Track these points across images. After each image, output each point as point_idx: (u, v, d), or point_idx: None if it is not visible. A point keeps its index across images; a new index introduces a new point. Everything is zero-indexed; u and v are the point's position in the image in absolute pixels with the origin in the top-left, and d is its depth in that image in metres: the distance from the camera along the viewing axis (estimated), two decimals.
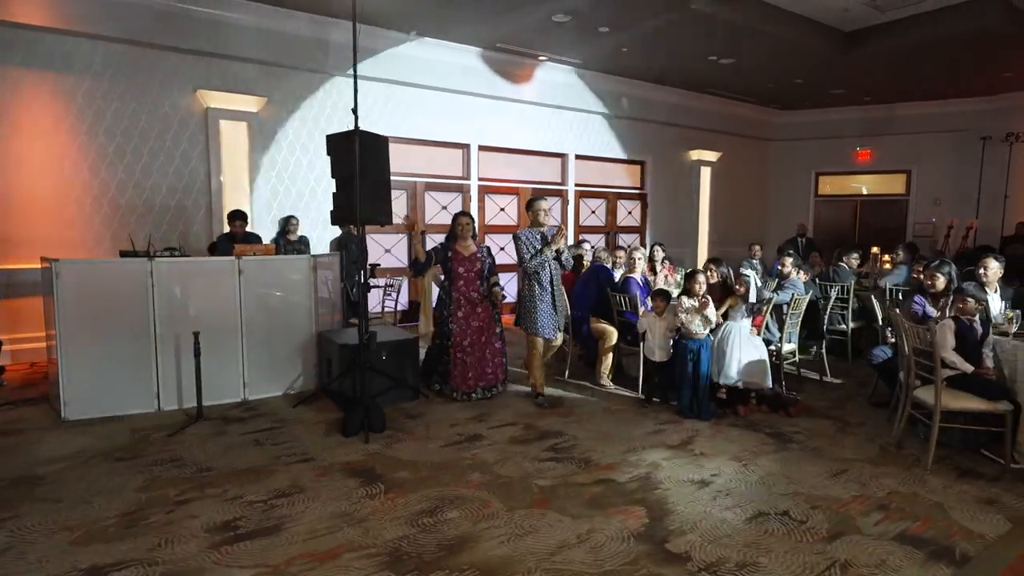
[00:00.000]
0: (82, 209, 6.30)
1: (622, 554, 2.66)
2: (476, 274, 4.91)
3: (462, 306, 4.86)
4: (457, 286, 4.88)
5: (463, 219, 5.00)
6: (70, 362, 4.36)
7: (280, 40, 7.07)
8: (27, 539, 2.74)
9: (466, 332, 4.83)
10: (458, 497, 3.20)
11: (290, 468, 3.57)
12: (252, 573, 2.49)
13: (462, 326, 4.83)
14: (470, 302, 4.87)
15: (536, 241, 4.75)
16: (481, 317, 4.88)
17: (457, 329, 4.83)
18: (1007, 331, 3.81)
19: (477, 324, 4.86)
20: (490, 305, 4.93)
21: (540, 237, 4.78)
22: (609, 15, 7.19)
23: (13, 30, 5.85)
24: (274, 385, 5.07)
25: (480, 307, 4.89)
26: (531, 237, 4.79)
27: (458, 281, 4.88)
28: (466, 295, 4.87)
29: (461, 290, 4.88)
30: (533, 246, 4.74)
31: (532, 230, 4.83)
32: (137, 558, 2.59)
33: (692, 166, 11.74)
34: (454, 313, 4.84)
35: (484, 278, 4.94)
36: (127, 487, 3.29)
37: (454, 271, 4.88)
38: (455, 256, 4.89)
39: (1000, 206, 10.97)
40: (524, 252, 4.74)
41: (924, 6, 7.59)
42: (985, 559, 2.67)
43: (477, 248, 4.99)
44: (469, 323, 4.85)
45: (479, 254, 4.97)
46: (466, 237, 4.95)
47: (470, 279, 4.90)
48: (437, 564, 2.57)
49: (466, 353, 4.82)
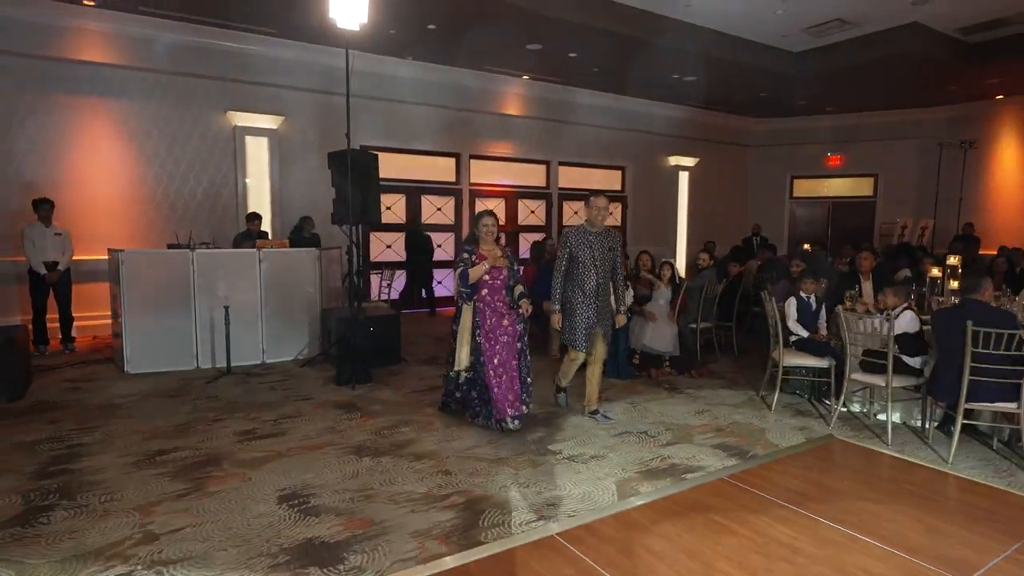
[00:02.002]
0: (135, 210, 7.69)
1: (514, 449, 3.87)
2: (503, 282, 4.27)
3: (488, 318, 4.22)
4: (481, 295, 4.22)
5: (487, 219, 4.33)
6: (131, 329, 5.70)
7: (296, 67, 8.40)
8: (114, 437, 4.04)
9: (495, 349, 4.20)
10: (412, 420, 4.44)
11: (294, 403, 4.84)
12: (263, 454, 3.75)
13: (490, 341, 4.20)
14: (497, 314, 4.24)
15: (585, 243, 4.28)
16: (509, 331, 4.26)
17: (485, 343, 4.19)
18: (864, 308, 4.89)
19: (506, 339, 4.24)
20: (517, 317, 4.31)
21: (592, 239, 4.30)
22: (573, 44, 8.37)
23: (82, 67, 7.25)
24: (286, 350, 6.36)
25: (507, 319, 4.26)
26: (579, 238, 4.31)
27: (482, 290, 4.22)
28: (492, 306, 4.23)
29: (486, 300, 4.23)
30: (570, 250, 4.28)
31: (582, 230, 4.34)
32: (188, 446, 3.87)
33: (671, 171, 12.83)
34: (481, 325, 4.21)
35: (510, 287, 4.32)
36: (178, 412, 4.58)
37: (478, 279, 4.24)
38: (479, 262, 4.23)
39: (956, 207, 11.87)
40: (561, 254, 4.34)
41: (854, 32, 8.64)
42: (767, 456, 3.82)
43: (503, 252, 4.36)
44: (497, 338, 4.21)
45: (504, 259, 4.33)
46: (490, 241, 4.31)
47: (496, 288, 4.26)
48: (386, 453, 3.80)
49: (498, 373, 4.18)
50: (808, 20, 8.31)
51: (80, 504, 3.06)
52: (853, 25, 8.45)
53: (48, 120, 7.19)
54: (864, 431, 4.31)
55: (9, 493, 3.17)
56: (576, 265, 4.29)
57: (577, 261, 4.29)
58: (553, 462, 3.70)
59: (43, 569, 2.48)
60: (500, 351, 4.21)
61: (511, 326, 4.29)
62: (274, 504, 3.09)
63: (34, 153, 7.13)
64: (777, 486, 3.36)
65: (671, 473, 3.54)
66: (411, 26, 7.65)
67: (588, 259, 4.27)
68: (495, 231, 4.33)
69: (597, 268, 4.27)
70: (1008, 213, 11.42)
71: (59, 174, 7.25)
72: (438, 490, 3.27)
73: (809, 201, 14.07)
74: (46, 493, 3.18)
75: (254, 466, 3.57)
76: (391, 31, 7.79)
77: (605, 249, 4.34)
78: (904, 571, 2.53)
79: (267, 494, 3.20)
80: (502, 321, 4.25)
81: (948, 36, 8.81)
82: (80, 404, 4.74)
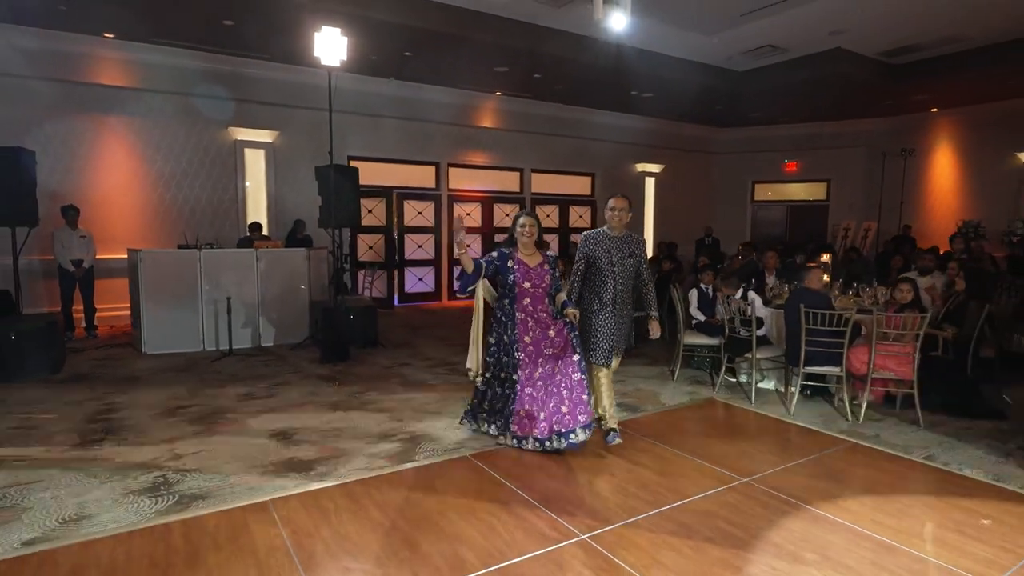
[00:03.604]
0: (148, 214, 8.74)
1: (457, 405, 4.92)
2: (545, 290, 3.96)
3: (530, 329, 3.89)
4: (522, 305, 3.91)
5: (524, 220, 3.95)
6: (148, 316, 6.75)
7: (289, 88, 9.44)
8: (140, 398, 5.08)
9: (536, 362, 3.87)
10: (380, 388, 5.49)
11: (284, 376, 5.90)
12: (258, 409, 4.80)
13: (531, 355, 3.87)
14: (540, 324, 3.91)
15: (603, 248, 4.01)
16: (555, 343, 3.89)
17: (525, 359, 3.86)
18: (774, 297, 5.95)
19: (551, 352, 3.88)
20: (566, 326, 3.94)
21: (611, 243, 4.02)
22: (536, 67, 9.43)
23: (102, 89, 8.31)
24: (280, 336, 7.41)
25: (553, 330, 3.91)
26: (596, 242, 4.04)
27: (523, 299, 3.91)
28: (534, 316, 3.92)
29: (527, 309, 3.91)
30: (587, 255, 4.03)
31: (600, 234, 4.07)
32: (198, 404, 4.93)
33: (638, 176, 13.90)
34: (519, 339, 3.87)
35: (551, 294, 4.02)
36: (188, 382, 5.63)
37: (518, 286, 3.90)
38: (519, 268, 3.91)
39: (898, 211, 12.94)
40: (578, 259, 4.10)
41: (786, 56, 9.70)
42: (652, 411, 4.87)
43: (544, 257, 4.03)
44: (540, 350, 3.88)
45: (546, 264, 4.01)
46: (531, 244, 3.95)
47: (538, 296, 3.93)
48: (355, 409, 4.85)
49: (537, 389, 3.84)
50: (744, 45, 9.36)
51: (121, 438, 4.11)
52: (784, 50, 9.50)
53: (73, 136, 8.24)
54: (741, 395, 5.35)
55: (67, 433, 4.22)
56: (593, 271, 4.02)
57: (595, 267, 4.01)
58: None
59: (103, 474, 3.53)
60: (543, 364, 3.86)
61: (558, 336, 3.90)
62: (266, 438, 4.14)
63: (62, 165, 8.18)
64: (652, 431, 4.41)
65: None
66: (390, 53, 8.70)
67: (606, 265, 3.99)
68: (535, 232, 3.93)
69: (616, 275, 3.97)
70: (942, 215, 12.49)
71: (83, 184, 8.31)
72: (390, 431, 4.33)
73: (769, 205, 15.13)
74: (95, 432, 4.23)
75: (251, 416, 4.62)
76: (373, 57, 8.83)
77: (625, 255, 4.02)
78: (712, 476, 3.58)
79: (260, 433, 4.25)
80: (547, 332, 3.89)
81: (873, 59, 9.87)
82: (109, 376, 5.80)
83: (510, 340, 3.91)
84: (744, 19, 7.86)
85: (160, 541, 2.79)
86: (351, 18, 7.08)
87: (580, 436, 3.78)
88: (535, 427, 3.81)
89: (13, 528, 2.90)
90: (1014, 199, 11.42)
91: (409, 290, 11.20)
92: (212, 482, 3.44)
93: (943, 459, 3.86)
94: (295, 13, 7.07)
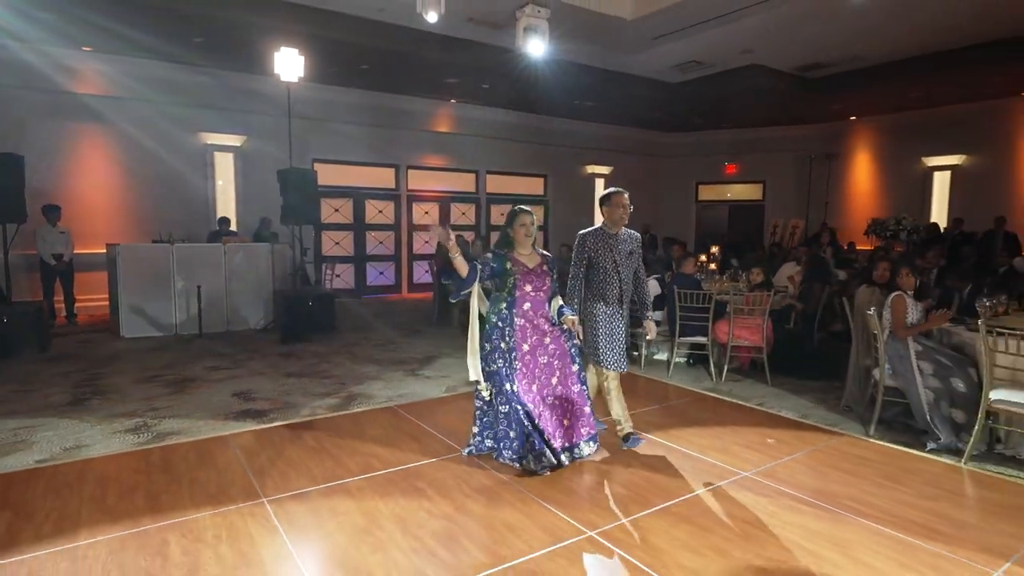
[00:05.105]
0: (125, 212, 9.49)
1: (394, 371, 5.82)
2: (546, 294, 3.65)
3: (528, 337, 3.57)
4: (522, 310, 3.58)
5: (525, 218, 3.62)
6: (126, 303, 7.54)
7: (255, 96, 10.24)
8: (121, 369, 5.91)
9: (533, 373, 3.56)
10: (332, 361, 6.38)
11: (248, 353, 6.75)
12: (223, 377, 5.66)
13: (529, 365, 3.55)
14: (538, 332, 3.59)
15: (605, 247, 3.79)
16: (552, 351, 3.62)
17: (522, 369, 3.53)
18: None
19: (547, 361, 3.60)
20: (562, 334, 3.66)
21: (613, 241, 3.80)
22: (482, 78, 10.36)
23: (84, 97, 9.05)
24: (246, 322, 8.24)
25: (549, 337, 3.61)
26: (598, 241, 3.81)
27: (522, 303, 3.58)
28: (533, 322, 3.59)
29: (528, 315, 3.58)
30: (589, 256, 3.80)
31: (601, 232, 3.84)
32: (172, 374, 5.77)
33: (588, 178, 14.92)
34: (517, 347, 3.53)
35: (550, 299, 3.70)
36: (163, 359, 6.46)
37: (518, 288, 3.58)
38: (518, 269, 3.59)
39: (823, 210, 14.14)
40: (578, 261, 3.86)
41: (710, 70, 10.75)
42: None
43: (542, 258, 3.71)
44: (537, 359, 3.58)
45: (545, 265, 3.68)
46: (528, 243, 3.64)
47: (538, 300, 3.62)
48: (306, 376, 5.73)
49: (536, 404, 3.53)
50: (672, 61, 10.37)
51: (107, 398, 4.96)
52: (709, 65, 10.55)
53: (56, 141, 8.97)
54: (649, 368, 6.29)
55: (61, 394, 5.06)
56: (596, 272, 3.78)
57: (597, 268, 3.77)
58: (415, 378, 5.68)
59: (94, 420, 4.38)
60: (540, 376, 3.57)
61: (554, 344, 3.61)
62: (228, 396, 5.02)
63: (44, 167, 8.89)
64: None
65: None
66: (347, 66, 9.57)
67: (610, 265, 3.75)
68: (534, 231, 3.63)
69: (620, 275, 3.77)
70: (860, 214, 13.68)
71: (65, 184, 9.04)
72: (333, 391, 5.23)
73: (712, 204, 16.27)
74: (84, 393, 5.07)
75: (217, 382, 5.49)
76: (332, 68, 9.69)
77: (626, 253, 3.82)
78: None
79: (224, 393, 5.13)
80: (543, 340, 3.59)
81: (789, 73, 10.98)
82: (92, 354, 6.60)
83: (508, 348, 3.52)
84: (657, 42, 8.87)
85: (142, 459, 3.67)
86: (309, 37, 7.94)
87: (585, 450, 3.65)
88: (559, 436, 3.57)
89: (26, 454, 3.75)
90: (920, 198, 12.67)
91: (371, 283, 12.07)
92: (183, 424, 4.31)
93: (771, 405, 4.89)
94: (257, 35, 7.91)
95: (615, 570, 2.54)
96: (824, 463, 3.71)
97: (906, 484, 3.39)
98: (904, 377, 4.15)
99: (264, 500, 3.13)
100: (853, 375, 4.75)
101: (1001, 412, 3.65)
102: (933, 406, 4.02)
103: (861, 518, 2.99)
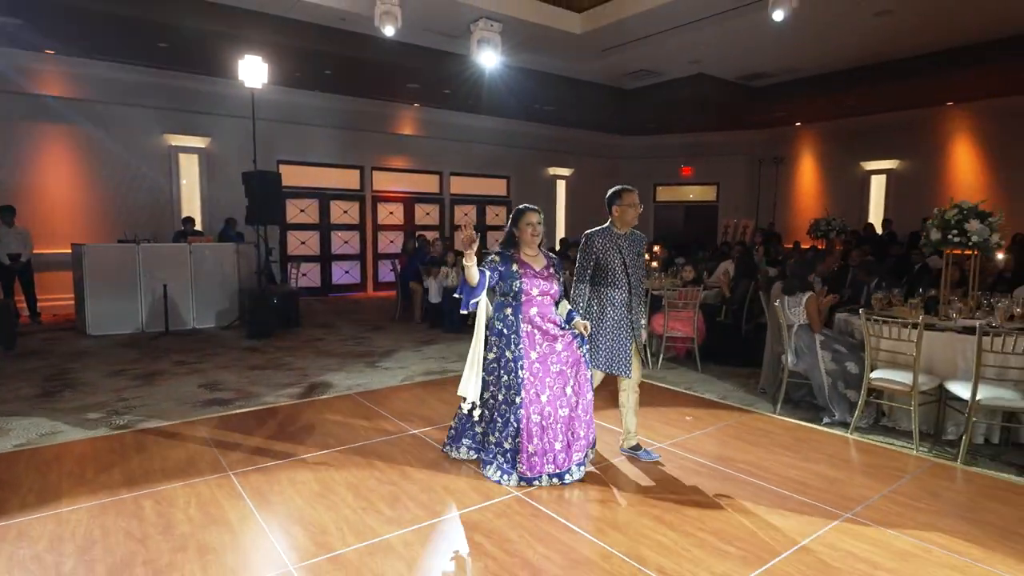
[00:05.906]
0: (90, 213, 9.62)
1: (355, 362, 6.19)
2: (554, 297, 3.49)
3: (536, 344, 3.38)
4: (528, 315, 3.39)
5: (532, 216, 3.46)
6: (92, 302, 7.73)
7: (219, 98, 10.45)
8: (89, 365, 6.15)
9: (543, 382, 3.36)
10: (295, 354, 6.71)
11: (213, 348, 7.03)
12: (190, 370, 5.96)
13: (537, 374, 3.36)
14: (547, 337, 3.40)
15: (614, 248, 3.63)
16: (564, 358, 3.41)
17: (530, 378, 3.34)
18: None
19: (560, 369, 3.39)
20: (574, 340, 3.44)
21: (621, 242, 3.66)
22: (443, 84, 10.74)
23: (47, 99, 9.16)
24: (211, 319, 8.49)
25: (561, 343, 3.41)
26: (606, 242, 3.65)
27: (529, 307, 3.40)
28: (541, 328, 3.40)
29: (535, 321, 3.40)
30: (596, 257, 3.63)
31: (609, 233, 3.68)
32: (139, 368, 6.04)
33: (550, 179, 15.41)
34: (525, 355, 3.35)
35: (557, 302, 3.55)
36: (130, 355, 6.70)
37: (525, 293, 3.40)
38: (526, 272, 3.42)
39: (771, 211, 14.90)
40: (584, 262, 3.69)
41: (659, 78, 11.33)
42: None
43: (548, 259, 3.55)
44: (548, 368, 3.37)
45: (552, 267, 3.53)
46: (535, 243, 3.48)
47: (546, 305, 3.44)
48: (270, 368, 6.06)
49: (545, 416, 3.34)
50: (624, 69, 10.91)
51: (78, 390, 5.23)
52: (658, 73, 11.13)
53: (15, 142, 9.06)
54: None
55: (32, 387, 5.30)
56: (605, 275, 3.62)
57: (606, 270, 3.62)
58: (374, 369, 6.06)
59: (67, 409, 4.66)
60: (552, 385, 3.36)
61: (566, 350, 3.40)
62: (195, 387, 5.34)
63: (4, 170, 8.99)
64: None
65: (442, 375, 5.95)
66: (311, 71, 9.86)
67: (619, 266, 3.62)
68: (542, 231, 3.47)
69: (630, 276, 3.63)
70: (805, 215, 14.46)
71: (26, 185, 9.14)
72: (296, 381, 5.58)
73: (669, 205, 16.93)
74: (55, 386, 5.33)
75: (184, 376, 5.79)
76: (296, 73, 9.97)
77: (635, 254, 3.71)
78: None
79: (191, 384, 5.44)
80: (554, 346, 3.39)
81: (733, 82, 11.63)
82: (59, 350, 6.81)
83: (514, 357, 3.34)
84: (606, 53, 9.39)
85: (116, 442, 4.00)
86: (273, 45, 8.22)
87: (575, 475, 3.42)
88: (550, 460, 3.33)
89: (4, 440, 4.03)
90: (859, 200, 13.50)
91: (336, 281, 12.35)
92: (152, 412, 4.63)
93: (698, 389, 5.42)
94: (222, 42, 8.17)
95: (534, 517, 2.99)
96: (731, 435, 4.23)
97: (796, 451, 3.93)
98: (808, 362, 4.70)
99: (230, 473, 3.50)
100: (768, 361, 5.30)
101: (883, 388, 4.22)
102: (832, 387, 4.58)
103: (750, 477, 3.51)
